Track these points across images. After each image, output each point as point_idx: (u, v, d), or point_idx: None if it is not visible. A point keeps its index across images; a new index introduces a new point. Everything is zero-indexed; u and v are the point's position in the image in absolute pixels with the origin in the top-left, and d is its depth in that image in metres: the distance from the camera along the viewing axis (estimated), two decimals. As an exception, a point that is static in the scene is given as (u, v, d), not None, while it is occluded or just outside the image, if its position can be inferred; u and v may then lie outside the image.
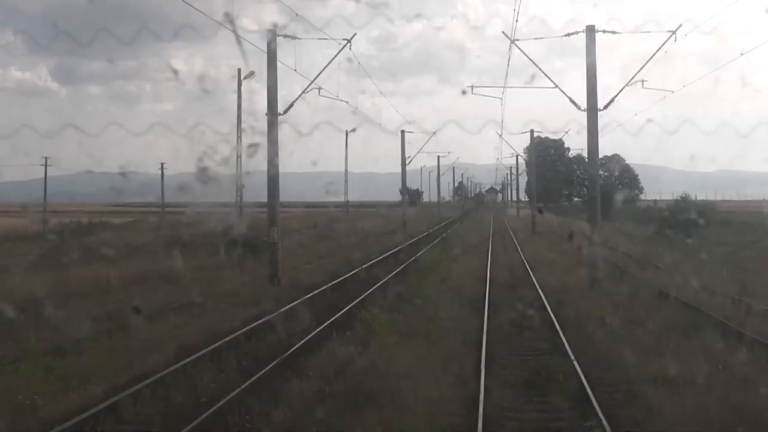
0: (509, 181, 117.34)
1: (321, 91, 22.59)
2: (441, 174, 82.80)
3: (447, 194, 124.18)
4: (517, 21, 32.40)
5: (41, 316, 12.61)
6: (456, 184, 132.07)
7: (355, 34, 21.11)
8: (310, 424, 8.10)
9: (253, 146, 28.22)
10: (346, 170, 56.81)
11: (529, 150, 61.62)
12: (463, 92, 30.41)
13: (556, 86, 21.52)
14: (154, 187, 60.38)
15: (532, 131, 48.95)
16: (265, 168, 20.03)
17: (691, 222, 31.94)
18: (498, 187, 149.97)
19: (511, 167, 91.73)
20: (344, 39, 20.91)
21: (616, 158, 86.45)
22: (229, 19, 16.83)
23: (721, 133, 17.52)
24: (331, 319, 14.16)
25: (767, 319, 14.03)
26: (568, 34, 20.00)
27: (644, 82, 20.38)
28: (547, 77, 31.00)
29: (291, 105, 21.10)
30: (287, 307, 15.43)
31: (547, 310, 15.26)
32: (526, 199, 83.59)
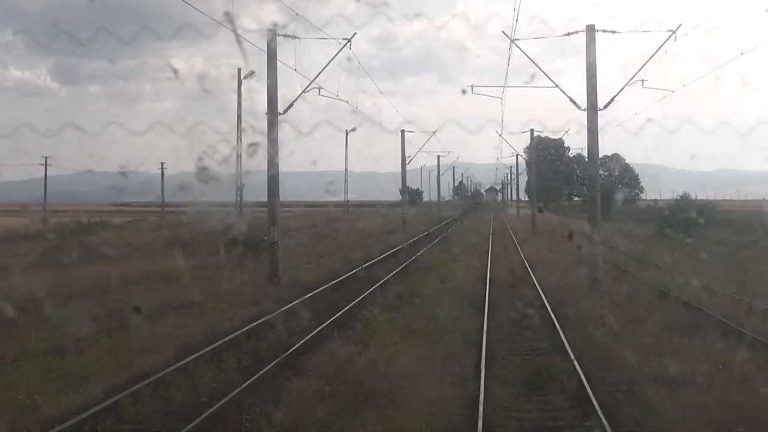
0: (509, 181, 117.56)
1: (321, 90, 22.58)
2: (441, 173, 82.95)
3: (447, 194, 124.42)
4: (517, 20, 32.30)
5: (41, 316, 12.59)
6: (456, 184, 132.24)
7: (355, 33, 21.12)
8: (310, 423, 8.09)
9: (253, 145, 28.14)
10: (346, 170, 56.86)
11: (529, 149, 61.61)
12: (463, 92, 30.36)
13: (556, 86, 21.55)
14: (154, 187, 60.49)
15: (532, 131, 49.02)
16: (265, 167, 20.03)
17: (691, 221, 31.98)
18: (498, 187, 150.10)
19: (511, 167, 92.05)
20: (344, 38, 20.91)
21: (616, 158, 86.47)
22: (229, 19, 16.88)
23: (721, 133, 17.46)
24: (332, 319, 14.16)
25: (767, 318, 14.03)
26: (568, 34, 20.02)
27: (644, 82, 20.36)
28: (547, 77, 31.13)
29: (291, 104, 21.10)
30: (287, 306, 15.44)
31: (547, 310, 15.26)
32: (526, 199, 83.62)
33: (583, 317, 14.37)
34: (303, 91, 21.46)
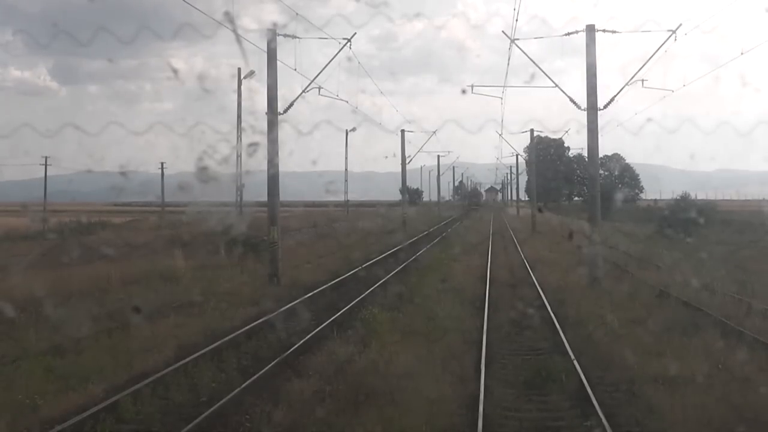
0: (509, 181, 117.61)
1: (321, 90, 22.62)
2: (441, 173, 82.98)
3: (447, 194, 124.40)
4: (517, 20, 32.21)
5: (41, 315, 12.61)
6: (456, 184, 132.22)
7: (355, 33, 21.11)
8: (310, 423, 8.10)
9: (253, 145, 28.16)
10: (346, 169, 56.85)
11: (529, 149, 61.67)
12: (463, 91, 30.34)
13: (556, 85, 21.57)
14: (154, 187, 60.53)
15: (532, 130, 49.04)
16: (265, 167, 20.03)
17: (691, 221, 31.98)
18: (498, 187, 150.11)
19: (511, 166, 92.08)
20: (344, 38, 20.91)
21: (616, 157, 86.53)
22: (229, 19, 16.88)
23: (721, 133, 17.49)
24: (332, 319, 14.16)
25: (767, 318, 14.03)
26: (568, 34, 20.04)
27: (644, 82, 20.40)
28: (547, 77, 31.17)
29: (291, 104, 21.11)
30: (287, 306, 15.44)
31: (547, 309, 15.26)
32: (526, 199, 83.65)
33: (583, 317, 14.37)
34: (303, 91, 21.48)
